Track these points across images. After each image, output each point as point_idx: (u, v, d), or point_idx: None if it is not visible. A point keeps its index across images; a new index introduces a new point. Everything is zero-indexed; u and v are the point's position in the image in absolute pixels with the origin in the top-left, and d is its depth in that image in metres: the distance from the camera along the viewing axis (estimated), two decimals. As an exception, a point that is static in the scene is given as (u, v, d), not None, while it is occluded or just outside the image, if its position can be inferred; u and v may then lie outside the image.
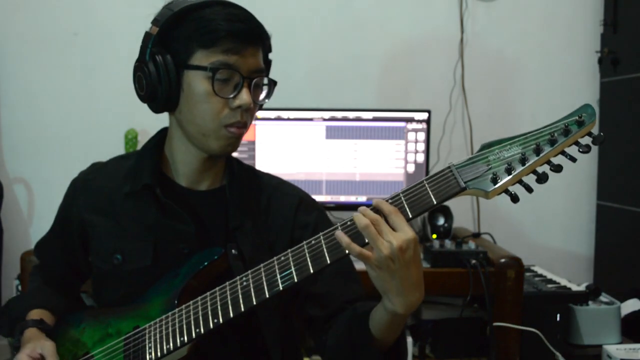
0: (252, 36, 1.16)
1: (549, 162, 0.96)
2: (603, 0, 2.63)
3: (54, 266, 1.38)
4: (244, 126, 1.18)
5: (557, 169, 0.95)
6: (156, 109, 1.21)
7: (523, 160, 0.95)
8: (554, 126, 0.96)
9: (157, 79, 1.15)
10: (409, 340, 2.13)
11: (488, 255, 2.08)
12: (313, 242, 1.02)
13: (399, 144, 2.38)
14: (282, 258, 1.04)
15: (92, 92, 2.58)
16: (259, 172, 1.35)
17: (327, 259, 1.00)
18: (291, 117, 2.36)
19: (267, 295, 1.04)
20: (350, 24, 2.62)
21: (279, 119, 2.36)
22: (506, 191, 0.97)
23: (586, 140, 0.96)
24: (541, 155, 0.95)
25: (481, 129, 2.65)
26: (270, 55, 1.26)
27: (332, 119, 2.37)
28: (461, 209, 2.63)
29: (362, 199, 2.37)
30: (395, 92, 2.64)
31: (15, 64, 2.56)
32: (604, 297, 2.24)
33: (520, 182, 0.97)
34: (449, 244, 2.13)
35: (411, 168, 2.37)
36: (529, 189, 0.97)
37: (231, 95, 1.15)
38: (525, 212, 2.70)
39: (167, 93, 1.16)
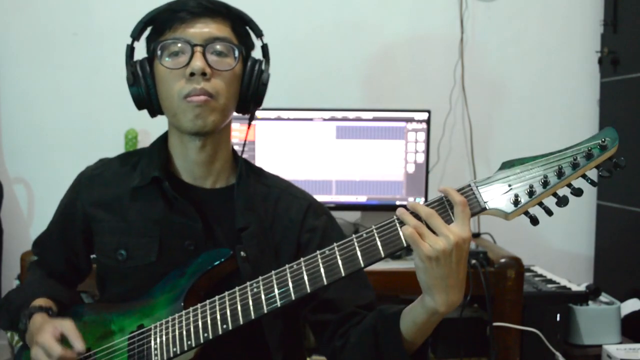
0: (200, 8, 1.17)
1: (569, 185, 0.95)
2: (603, 0, 2.63)
3: (53, 263, 1.36)
4: (203, 93, 1.15)
5: (578, 192, 0.94)
6: (150, 112, 1.24)
7: (545, 184, 0.94)
8: (576, 149, 0.96)
9: (133, 82, 1.21)
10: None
11: (488, 255, 2.08)
12: (327, 252, 1.01)
13: (399, 144, 2.38)
14: (295, 267, 1.03)
15: (92, 92, 2.58)
16: (268, 173, 1.34)
17: (342, 271, 0.99)
18: (291, 117, 2.36)
19: (279, 305, 1.03)
20: (350, 23, 2.62)
21: (278, 119, 2.36)
22: (526, 213, 0.96)
23: (608, 165, 0.96)
24: (563, 178, 0.94)
25: (481, 129, 2.65)
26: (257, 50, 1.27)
27: (332, 119, 2.37)
28: (461, 209, 2.63)
29: (362, 199, 2.37)
30: (395, 92, 2.64)
31: (15, 64, 2.56)
32: (604, 297, 2.24)
33: (541, 204, 0.96)
34: (449, 244, 2.13)
35: (411, 168, 2.37)
36: (549, 212, 0.96)
37: (184, 65, 1.15)
38: (525, 212, 2.70)
39: (146, 93, 1.20)
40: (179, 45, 1.16)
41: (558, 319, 2.12)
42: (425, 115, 2.37)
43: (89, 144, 2.56)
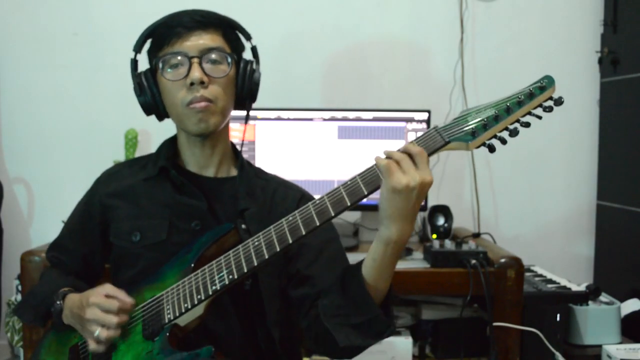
0: (194, 22, 1.30)
1: (518, 121, 1.15)
2: (603, 0, 2.63)
3: (70, 262, 1.45)
4: (203, 100, 1.28)
5: (526, 125, 1.14)
6: (158, 117, 1.39)
7: (497, 118, 1.13)
8: (520, 92, 1.16)
9: (140, 93, 1.34)
10: (409, 340, 2.13)
11: (488, 255, 2.07)
12: (318, 201, 1.14)
13: (399, 144, 2.37)
14: (290, 218, 1.15)
15: (92, 92, 2.58)
16: (265, 171, 1.48)
17: (331, 211, 1.12)
18: (291, 117, 2.36)
19: (278, 249, 1.13)
20: (350, 23, 2.62)
21: (278, 118, 2.36)
22: (484, 144, 1.14)
23: (549, 103, 1.17)
24: (511, 114, 1.14)
25: (481, 129, 2.65)
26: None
27: (332, 119, 2.37)
28: (461, 209, 2.63)
29: (362, 199, 2.37)
30: (395, 92, 2.64)
31: (15, 64, 2.57)
32: (604, 297, 2.24)
33: (495, 136, 1.14)
34: (449, 244, 2.13)
35: (411, 168, 2.37)
36: (504, 141, 1.14)
37: (184, 76, 1.27)
38: (525, 212, 2.70)
39: (152, 101, 1.34)
40: (178, 58, 1.29)
41: (558, 319, 2.12)
42: (425, 115, 2.37)
43: (89, 144, 2.56)
